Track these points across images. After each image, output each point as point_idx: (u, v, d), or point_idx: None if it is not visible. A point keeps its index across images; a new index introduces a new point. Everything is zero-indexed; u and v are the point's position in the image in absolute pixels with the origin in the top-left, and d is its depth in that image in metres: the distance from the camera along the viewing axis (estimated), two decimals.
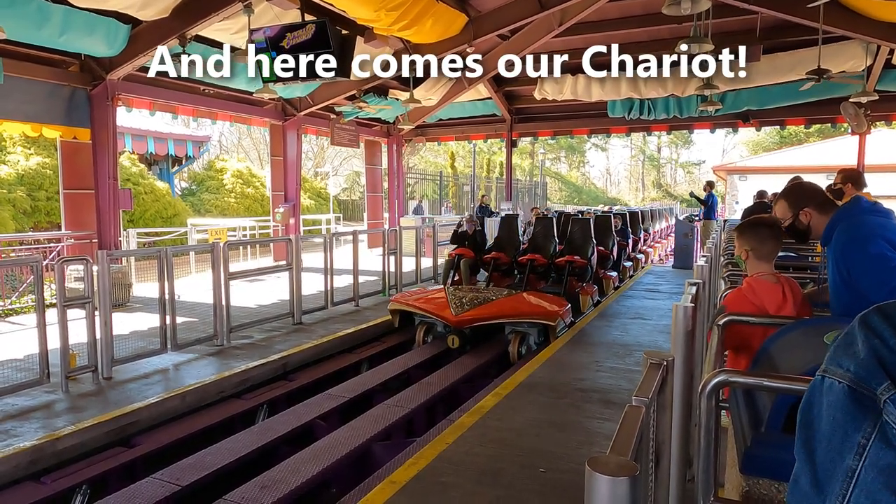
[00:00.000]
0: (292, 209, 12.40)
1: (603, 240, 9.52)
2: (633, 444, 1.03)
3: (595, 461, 0.89)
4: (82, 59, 8.36)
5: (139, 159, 17.06)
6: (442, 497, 3.06)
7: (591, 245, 8.59)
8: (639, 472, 0.88)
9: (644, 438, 1.21)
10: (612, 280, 9.78)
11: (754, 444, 1.50)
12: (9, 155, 13.15)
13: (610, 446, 1.01)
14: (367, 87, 11.38)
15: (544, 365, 5.43)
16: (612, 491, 0.86)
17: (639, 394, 1.28)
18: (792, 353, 1.73)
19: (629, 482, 0.85)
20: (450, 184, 25.71)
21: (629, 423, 1.12)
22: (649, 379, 1.40)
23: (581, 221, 8.97)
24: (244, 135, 31.48)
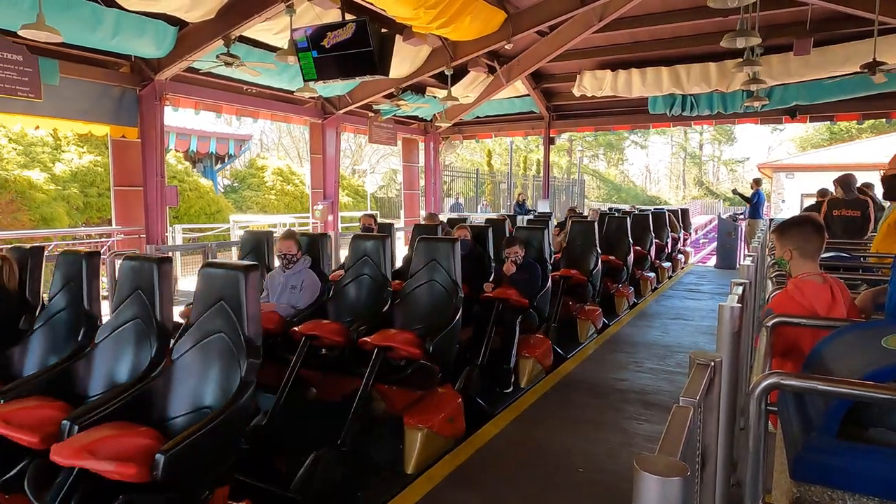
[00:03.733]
0: (331, 206, 12.57)
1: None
2: (682, 445, 1.01)
3: (644, 460, 0.88)
4: (132, 60, 8.65)
5: (184, 157, 17.58)
6: (478, 493, 3.07)
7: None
8: (689, 472, 0.87)
9: (691, 440, 1.18)
10: (649, 281, 9.53)
11: (806, 449, 1.46)
12: (63, 153, 13.70)
13: (658, 446, 1.00)
14: (404, 85, 11.45)
15: (583, 364, 5.38)
16: (662, 491, 0.85)
17: (686, 394, 1.26)
18: (848, 356, 1.67)
19: (680, 483, 0.84)
20: (486, 181, 25.64)
21: (677, 423, 1.10)
22: (696, 380, 1.38)
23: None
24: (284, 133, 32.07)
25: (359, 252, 4.45)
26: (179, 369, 2.73)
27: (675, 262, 11.43)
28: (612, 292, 7.77)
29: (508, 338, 4.77)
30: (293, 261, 4.40)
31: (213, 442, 2.38)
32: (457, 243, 4.17)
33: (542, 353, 5.16)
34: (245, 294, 2.66)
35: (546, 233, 5.82)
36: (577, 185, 29.80)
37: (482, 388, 4.38)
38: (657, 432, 3.77)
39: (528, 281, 5.08)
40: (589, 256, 6.75)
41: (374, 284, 4.35)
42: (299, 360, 3.62)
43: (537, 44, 11.32)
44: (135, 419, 2.51)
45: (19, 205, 11.82)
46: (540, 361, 5.13)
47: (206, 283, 2.80)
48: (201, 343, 2.71)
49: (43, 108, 7.65)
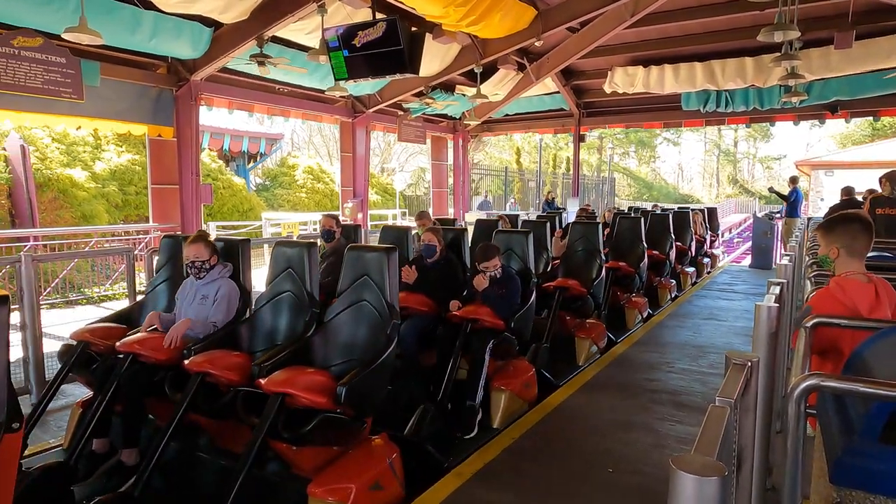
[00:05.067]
0: (360, 204, 12.68)
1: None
2: (718, 446, 1.00)
3: (680, 460, 0.87)
4: (169, 61, 8.87)
5: (218, 156, 17.94)
6: (506, 491, 3.07)
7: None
8: (727, 473, 0.86)
9: (727, 441, 1.17)
10: (689, 276, 9.39)
11: (846, 453, 1.42)
12: (103, 152, 14.12)
13: (694, 446, 0.98)
14: (434, 83, 11.47)
15: (613, 364, 5.32)
16: (699, 491, 0.84)
17: (723, 394, 1.24)
18: (892, 358, 1.63)
19: (718, 483, 0.83)
20: (515, 179, 25.53)
21: (713, 423, 1.09)
22: (733, 380, 1.35)
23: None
24: (315, 132, 32.44)
25: (280, 263, 3.54)
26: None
27: (700, 266, 10.41)
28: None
29: (476, 367, 3.90)
30: (205, 269, 3.49)
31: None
32: (392, 254, 3.30)
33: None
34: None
35: (530, 238, 4.91)
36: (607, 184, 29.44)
37: (435, 432, 3.51)
38: (690, 434, 3.72)
39: (505, 297, 4.18)
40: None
41: (295, 305, 3.44)
42: (185, 402, 2.88)
43: (567, 40, 11.22)
44: None
45: (62, 202, 12.23)
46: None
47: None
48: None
49: (84, 109, 7.90)
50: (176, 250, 3.94)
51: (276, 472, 2.86)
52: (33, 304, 4.46)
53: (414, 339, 4.07)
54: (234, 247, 3.74)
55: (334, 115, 12.28)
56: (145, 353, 3.12)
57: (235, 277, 3.64)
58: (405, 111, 13.18)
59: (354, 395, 2.72)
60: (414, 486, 3.07)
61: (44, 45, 7.21)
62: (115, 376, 3.11)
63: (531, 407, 4.21)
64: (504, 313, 4.10)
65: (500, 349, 4.14)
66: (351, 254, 3.43)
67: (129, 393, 3.13)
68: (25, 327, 4.45)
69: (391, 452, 3.05)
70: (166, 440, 2.79)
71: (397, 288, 3.34)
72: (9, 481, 1.62)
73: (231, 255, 3.69)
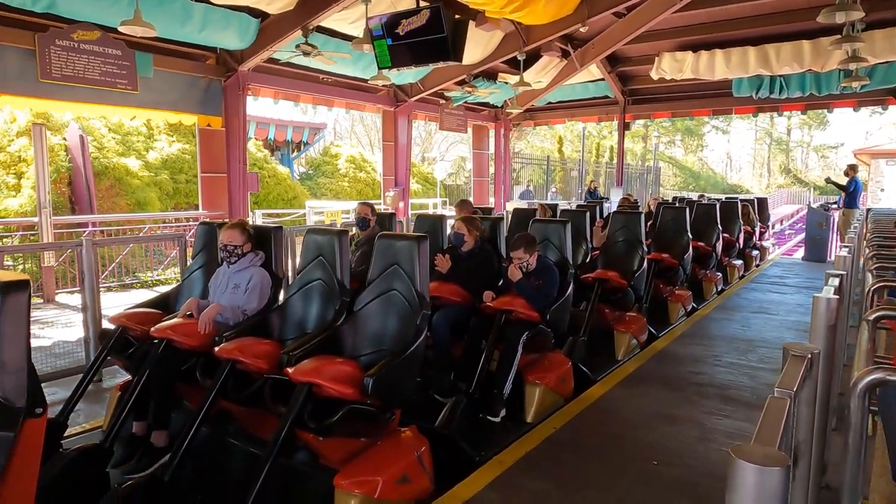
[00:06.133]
0: (402, 193, 12.76)
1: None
2: (779, 436, 0.97)
3: (741, 450, 0.85)
4: (217, 52, 9.08)
5: (263, 145, 18.34)
6: (547, 481, 3.06)
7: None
8: (790, 464, 0.83)
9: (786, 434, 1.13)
10: (736, 269, 9.07)
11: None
12: (155, 142, 14.61)
13: (754, 436, 0.96)
14: (476, 71, 11.41)
15: (656, 357, 5.22)
16: (760, 481, 0.82)
17: (781, 385, 1.20)
18: None
19: (781, 474, 0.81)
20: (557, 168, 25.22)
21: (773, 414, 1.06)
22: (792, 371, 1.31)
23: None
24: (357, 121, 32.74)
25: (311, 251, 3.50)
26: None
27: (748, 259, 10.10)
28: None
29: (507, 359, 3.81)
30: (236, 254, 3.49)
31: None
32: (423, 243, 3.18)
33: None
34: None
35: (568, 228, 4.76)
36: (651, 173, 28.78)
37: (466, 425, 3.47)
38: (738, 429, 3.63)
39: (541, 288, 4.06)
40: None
41: (325, 293, 3.39)
42: (215, 388, 2.89)
43: (613, 26, 10.97)
44: None
45: (118, 190, 12.73)
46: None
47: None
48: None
49: (139, 100, 8.18)
50: (211, 237, 3.94)
51: (304, 462, 2.83)
52: (93, 287, 4.66)
53: (446, 329, 4.00)
54: (267, 234, 3.68)
55: (377, 104, 12.36)
56: (178, 338, 3.14)
57: (268, 265, 3.61)
58: (447, 100, 13.16)
59: (382, 386, 2.66)
60: (443, 479, 3.00)
61: (101, 38, 7.49)
62: (149, 361, 3.16)
63: (567, 402, 4.12)
64: (540, 305, 3.98)
65: (535, 342, 4.01)
66: (382, 242, 3.33)
67: (160, 377, 3.18)
68: (87, 309, 4.64)
69: (420, 445, 2.97)
70: (197, 425, 2.80)
71: (428, 277, 3.23)
72: (33, 466, 1.65)
73: (264, 242, 3.65)
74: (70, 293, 8.18)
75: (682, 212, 7.23)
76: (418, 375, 3.20)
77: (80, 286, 4.73)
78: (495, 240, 4.71)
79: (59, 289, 8.24)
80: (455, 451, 3.28)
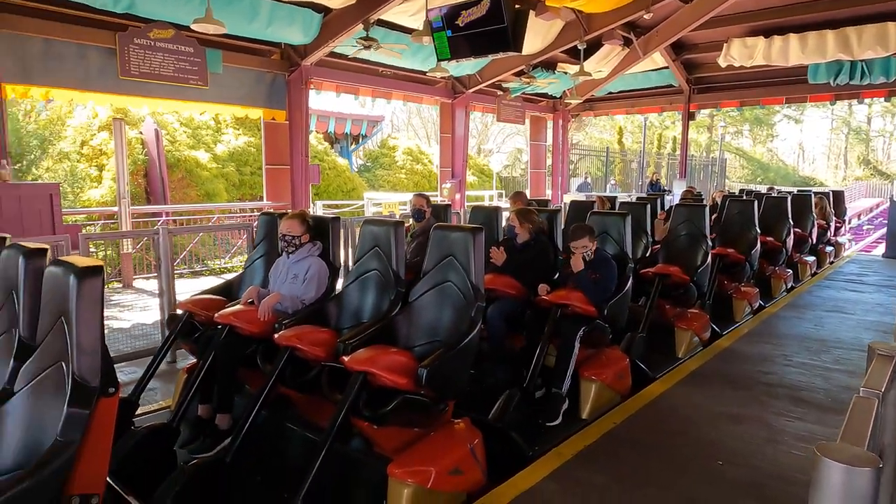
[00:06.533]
0: (458, 185, 12.81)
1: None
2: (868, 437, 0.95)
3: (826, 448, 0.85)
4: (282, 47, 9.35)
5: (323, 138, 18.78)
6: (606, 475, 3.05)
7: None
8: (882, 465, 0.82)
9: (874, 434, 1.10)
10: (808, 265, 8.56)
11: None
12: (223, 135, 15.21)
13: (840, 434, 0.94)
14: (535, 61, 11.29)
15: (720, 356, 5.06)
16: (848, 481, 0.81)
17: (868, 385, 1.17)
18: None
19: (871, 475, 0.80)
20: (616, 160, 24.65)
21: (860, 414, 1.03)
22: (878, 371, 1.27)
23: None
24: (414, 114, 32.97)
25: (367, 241, 3.54)
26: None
27: (821, 255, 9.53)
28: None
29: (564, 354, 3.75)
30: (294, 244, 3.56)
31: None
32: (478, 234, 3.16)
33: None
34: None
35: (627, 221, 4.61)
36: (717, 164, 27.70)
37: (520, 419, 3.45)
38: (811, 432, 3.49)
39: (599, 282, 3.96)
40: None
41: (381, 283, 3.43)
42: (274, 374, 2.96)
43: (679, 11, 10.61)
44: None
45: (188, 181, 13.36)
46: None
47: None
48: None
49: (209, 95, 8.54)
50: (272, 227, 4.02)
51: (359, 450, 2.86)
52: (169, 272, 4.93)
53: (501, 322, 3.99)
54: (325, 225, 3.73)
55: (434, 97, 12.43)
56: (240, 324, 3.23)
57: (325, 255, 3.66)
58: (504, 91, 13.09)
59: (436, 377, 2.67)
60: (495, 473, 2.99)
61: (175, 36, 7.86)
62: (213, 345, 3.26)
63: (624, 399, 4.04)
64: (597, 299, 3.89)
65: (592, 337, 3.93)
66: (437, 233, 3.31)
67: (223, 361, 3.30)
68: (163, 293, 4.92)
69: (473, 437, 2.96)
70: (257, 409, 2.88)
71: (483, 269, 3.19)
72: (106, 442, 1.73)
73: (321, 232, 3.70)
74: (146, 279, 8.67)
75: (750, 205, 6.92)
76: (472, 367, 3.21)
77: (157, 272, 5.01)
78: (552, 232, 4.63)
79: (135, 275, 8.75)
80: (508, 445, 3.27)
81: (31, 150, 11.46)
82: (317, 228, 3.72)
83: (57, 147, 12.29)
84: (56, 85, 7.32)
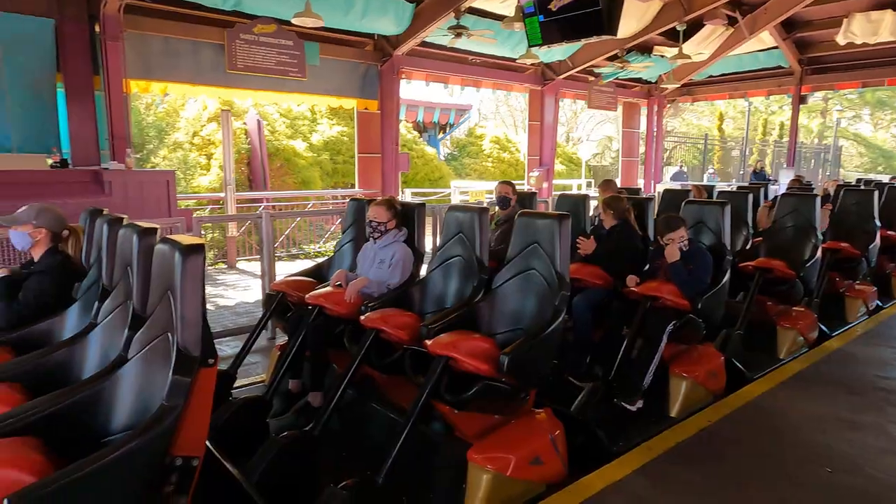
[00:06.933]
0: (546, 173, 12.60)
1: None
2: None
3: None
4: (375, 38, 9.57)
5: (413, 127, 19.10)
6: (700, 473, 2.90)
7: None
8: None
9: None
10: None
11: None
12: (318, 125, 15.85)
13: None
14: (630, 45, 10.84)
15: (829, 358, 4.66)
16: None
17: None
18: None
19: None
20: (715, 148, 23.28)
21: None
22: None
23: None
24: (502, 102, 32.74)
25: (451, 228, 3.53)
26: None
27: None
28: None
29: (650, 348, 3.60)
30: (379, 230, 3.63)
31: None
32: (565, 222, 3.05)
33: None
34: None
35: (726, 211, 4.27)
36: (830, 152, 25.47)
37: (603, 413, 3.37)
38: None
39: (692, 275, 3.76)
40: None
41: (464, 270, 3.43)
42: (360, 355, 3.04)
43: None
44: None
45: (286, 169, 14.05)
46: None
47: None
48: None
49: (306, 86, 8.92)
50: (360, 213, 4.07)
51: (440, 433, 2.87)
52: (270, 254, 5.21)
53: (587, 313, 3.88)
54: (411, 211, 3.78)
55: (524, 84, 12.26)
56: (329, 306, 3.32)
57: (410, 241, 3.71)
58: (596, 76, 12.69)
59: (518, 365, 2.64)
60: (576, 466, 2.92)
61: (276, 31, 8.25)
62: (304, 325, 3.39)
63: (717, 399, 3.81)
64: (690, 293, 3.68)
65: (684, 332, 3.70)
66: (522, 220, 3.25)
67: (314, 341, 3.39)
68: (265, 274, 5.21)
69: (554, 428, 2.92)
70: (343, 388, 2.96)
71: (568, 258, 3.10)
72: (206, 409, 1.82)
73: (407, 219, 3.75)
74: (248, 261, 9.22)
75: (869, 195, 6.24)
76: (555, 358, 3.15)
77: (259, 254, 5.30)
78: (643, 222, 4.43)
79: (238, 257, 9.33)
80: (590, 439, 3.19)
81: (150, 140, 12.48)
82: (403, 215, 3.79)
83: (172, 137, 13.30)
84: (173, 80, 7.91)
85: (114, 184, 5.85)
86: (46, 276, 2.94)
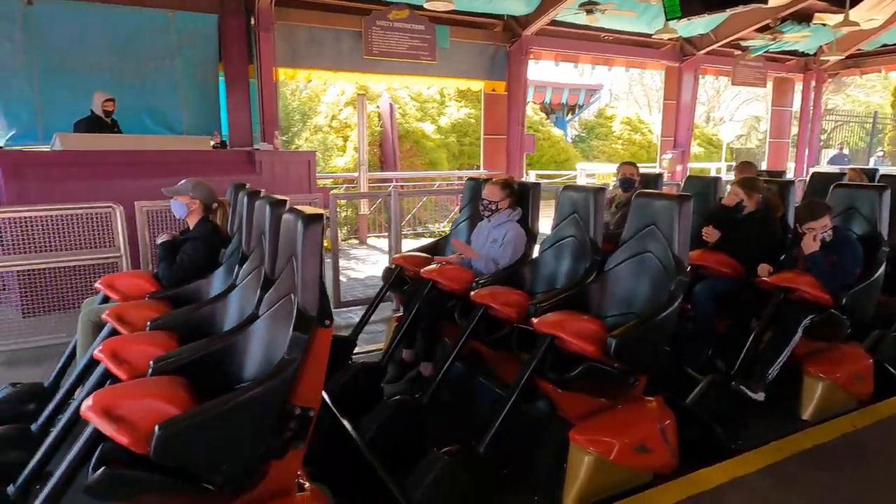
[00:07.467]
0: (681, 156, 11.86)
1: None
2: None
3: None
4: (504, 19, 9.53)
5: (540, 108, 18.82)
6: (845, 478, 2.65)
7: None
8: None
9: None
10: None
11: None
12: (446, 108, 16.17)
13: None
14: (785, 13, 9.78)
15: None
16: None
17: None
18: None
19: None
20: (887, 127, 20.38)
21: None
22: None
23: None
24: (635, 81, 31.10)
25: (565, 208, 3.48)
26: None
27: None
28: None
29: (780, 341, 3.32)
30: (490, 209, 3.73)
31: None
32: (685, 203, 2.88)
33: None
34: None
35: (885, 196, 3.78)
36: None
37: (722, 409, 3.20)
38: None
39: (837, 267, 3.42)
40: None
41: (577, 250, 3.38)
42: (468, 329, 3.11)
43: None
44: None
45: (415, 151, 14.55)
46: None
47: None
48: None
49: (436, 69, 9.13)
50: (477, 193, 4.16)
51: (543, 411, 2.88)
52: (398, 231, 5.49)
53: (710, 302, 3.64)
54: (526, 191, 3.82)
55: (660, 61, 11.57)
56: (442, 281, 3.47)
57: (524, 221, 3.76)
58: (743, 50, 11.63)
59: (626, 348, 2.58)
60: (689, 461, 2.83)
61: (409, 17, 8.52)
62: (418, 298, 3.56)
63: (861, 406, 3.44)
64: (833, 286, 3.38)
65: (824, 329, 3.42)
66: (639, 201, 3.13)
67: (427, 314, 3.56)
68: (392, 249, 5.48)
69: (664, 418, 2.84)
70: (452, 361, 3.08)
71: (688, 241, 2.93)
72: (321, 365, 1.94)
73: (522, 198, 3.79)
74: (377, 237, 9.74)
75: None
76: (670, 345, 3.02)
77: (388, 231, 5.59)
78: (785, 206, 4.09)
79: (367, 234, 9.88)
80: (706, 434, 3.05)
81: (294, 123, 13.48)
82: (519, 194, 3.81)
83: (313, 121, 14.27)
84: (316, 67, 8.49)
85: (263, 163, 6.42)
86: (199, 242, 3.37)
